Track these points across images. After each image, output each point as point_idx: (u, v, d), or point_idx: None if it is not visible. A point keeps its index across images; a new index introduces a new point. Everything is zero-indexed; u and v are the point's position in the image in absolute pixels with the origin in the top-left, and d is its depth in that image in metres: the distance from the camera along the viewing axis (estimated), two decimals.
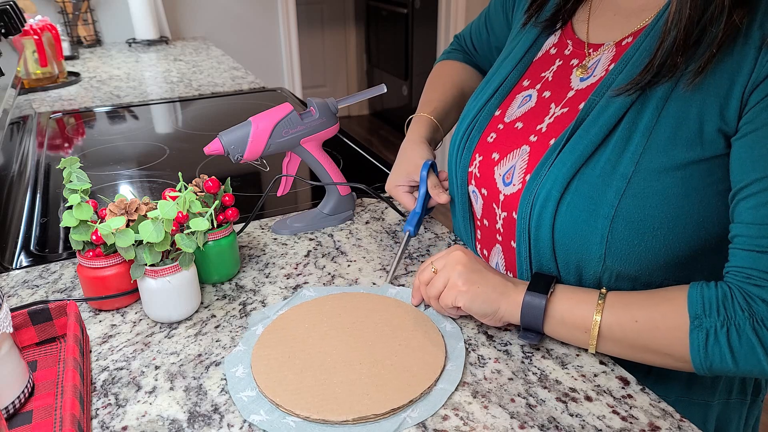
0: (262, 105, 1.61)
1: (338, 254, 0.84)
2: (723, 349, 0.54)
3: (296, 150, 0.86)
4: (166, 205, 0.65)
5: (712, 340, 0.54)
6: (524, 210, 0.66)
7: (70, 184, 0.70)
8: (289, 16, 2.98)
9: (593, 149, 0.61)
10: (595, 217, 0.60)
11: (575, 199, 0.61)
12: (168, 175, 1.14)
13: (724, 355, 0.54)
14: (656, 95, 0.59)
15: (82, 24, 2.42)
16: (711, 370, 0.56)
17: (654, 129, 0.58)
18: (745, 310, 0.54)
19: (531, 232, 0.66)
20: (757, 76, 0.53)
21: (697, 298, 0.56)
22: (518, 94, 0.75)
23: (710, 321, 0.55)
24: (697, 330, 0.55)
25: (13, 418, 0.56)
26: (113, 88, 1.81)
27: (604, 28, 0.70)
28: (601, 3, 0.72)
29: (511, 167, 0.70)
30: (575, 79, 0.69)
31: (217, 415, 0.57)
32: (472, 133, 0.77)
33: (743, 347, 0.54)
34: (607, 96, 0.62)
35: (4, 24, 1.27)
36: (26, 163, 1.23)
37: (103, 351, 0.66)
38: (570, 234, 0.62)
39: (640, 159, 0.58)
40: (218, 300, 0.74)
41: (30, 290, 0.77)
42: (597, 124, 0.61)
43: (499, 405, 0.57)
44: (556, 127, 0.67)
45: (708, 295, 0.56)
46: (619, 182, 0.59)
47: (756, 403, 0.77)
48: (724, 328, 0.54)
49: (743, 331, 0.54)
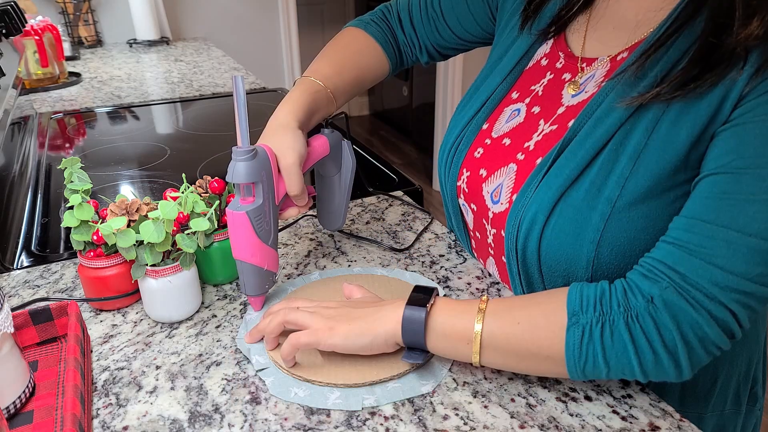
0: (263, 105, 1.61)
1: (339, 254, 0.84)
2: (596, 347, 0.51)
3: None
4: (167, 205, 0.65)
5: (587, 338, 0.52)
6: (511, 231, 0.64)
7: (71, 185, 0.70)
8: (290, 17, 2.98)
9: (579, 171, 0.59)
10: (581, 241, 0.59)
11: (560, 223, 0.60)
12: (169, 176, 1.14)
13: (597, 355, 0.51)
14: (647, 117, 0.56)
15: (83, 24, 2.42)
16: (584, 372, 0.53)
17: (642, 152, 0.56)
18: (621, 304, 0.51)
19: (518, 252, 0.64)
20: (746, 86, 0.51)
21: (576, 295, 0.53)
22: (506, 108, 0.72)
23: (586, 317, 0.52)
24: (574, 327, 0.52)
25: (14, 418, 0.56)
26: (114, 88, 1.81)
27: (601, 42, 0.66)
28: (602, 15, 0.67)
29: (499, 185, 0.68)
30: (566, 95, 0.66)
31: (217, 414, 0.57)
32: (460, 146, 0.74)
33: (615, 345, 0.51)
34: (596, 115, 0.60)
35: (5, 24, 1.27)
36: (27, 163, 1.23)
37: (104, 351, 0.66)
38: (556, 257, 0.61)
39: (626, 183, 0.56)
40: (219, 300, 0.74)
41: (31, 290, 0.77)
42: (584, 146, 0.59)
43: (499, 405, 0.57)
44: (544, 146, 0.65)
45: (587, 292, 0.53)
46: (604, 206, 0.57)
47: (752, 413, 0.76)
48: (598, 325, 0.51)
49: (616, 328, 0.51)
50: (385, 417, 0.56)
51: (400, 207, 0.98)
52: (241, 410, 0.57)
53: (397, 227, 0.91)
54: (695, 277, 0.50)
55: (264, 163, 0.63)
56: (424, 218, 0.94)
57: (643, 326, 0.51)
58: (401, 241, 0.87)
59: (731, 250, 0.49)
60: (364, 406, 0.57)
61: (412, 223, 0.93)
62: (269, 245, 0.66)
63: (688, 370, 0.52)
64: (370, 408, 0.57)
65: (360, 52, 0.83)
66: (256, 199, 0.64)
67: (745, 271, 0.49)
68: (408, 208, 0.98)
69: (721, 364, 0.69)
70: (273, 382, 0.60)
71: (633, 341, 0.51)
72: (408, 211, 0.97)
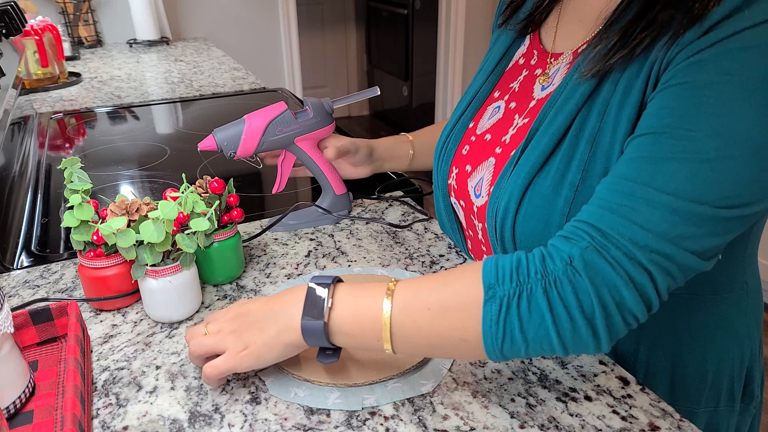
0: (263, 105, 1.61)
1: (339, 254, 0.84)
2: (513, 320, 0.48)
3: (290, 148, 0.87)
4: (167, 205, 0.65)
5: (504, 311, 0.49)
6: (490, 222, 0.66)
7: (71, 185, 0.70)
8: (290, 17, 2.99)
9: (544, 159, 0.61)
10: (549, 227, 0.60)
11: (530, 210, 0.61)
12: (169, 176, 1.14)
13: (514, 329, 0.48)
14: (599, 101, 0.58)
15: (83, 24, 2.42)
16: (502, 351, 0.50)
17: (597, 135, 0.58)
18: (538, 271, 0.49)
19: (498, 241, 0.66)
20: (670, 55, 0.52)
21: (491, 267, 0.51)
22: (489, 106, 0.75)
23: (503, 289, 0.49)
24: (491, 302, 0.49)
25: (14, 418, 0.56)
26: (114, 88, 1.82)
27: (567, 36, 0.69)
28: (569, 11, 0.70)
29: (480, 179, 0.70)
30: (537, 88, 0.69)
31: (217, 414, 0.57)
32: (449, 145, 0.77)
33: (532, 316, 0.48)
34: (557, 105, 0.62)
35: (5, 24, 1.27)
36: (27, 163, 1.23)
37: (104, 351, 0.66)
38: (529, 244, 0.62)
39: (586, 166, 0.58)
40: (219, 300, 0.74)
41: (31, 290, 0.77)
42: (547, 133, 0.61)
43: (499, 405, 0.57)
44: (518, 139, 0.67)
45: (503, 263, 0.51)
46: (568, 191, 0.59)
47: (748, 410, 0.75)
48: (515, 296, 0.49)
49: (533, 297, 0.48)
50: (385, 417, 0.56)
51: (400, 207, 0.98)
52: (241, 410, 0.57)
53: (398, 227, 0.91)
54: (615, 234, 0.49)
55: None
56: (424, 218, 0.94)
57: (561, 291, 0.48)
58: (401, 240, 0.87)
59: (650, 207, 0.48)
60: (364, 406, 0.57)
61: (411, 222, 0.93)
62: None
63: (606, 340, 0.49)
64: (370, 408, 0.57)
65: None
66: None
67: (664, 231, 0.48)
68: (408, 209, 0.98)
69: (709, 356, 0.68)
70: (273, 382, 0.60)
71: (551, 309, 0.48)
72: (408, 211, 0.97)
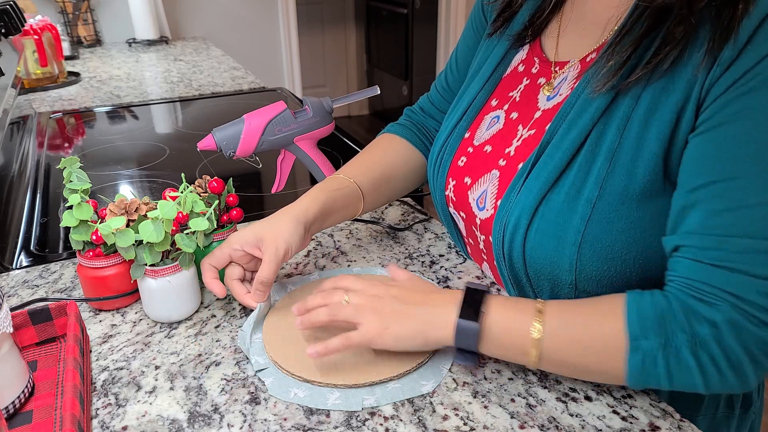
0: (262, 105, 1.61)
1: (338, 254, 0.84)
2: (659, 370, 0.51)
3: (290, 148, 0.87)
4: (166, 205, 0.65)
5: (650, 362, 0.51)
6: (497, 236, 0.64)
7: (70, 184, 0.70)
8: (289, 16, 2.98)
9: (558, 174, 0.59)
10: (563, 243, 0.58)
11: (542, 226, 0.60)
12: (168, 175, 1.14)
13: (660, 376, 0.51)
14: (618, 115, 0.57)
15: (82, 24, 2.42)
16: (645, 386, 0.53)
17: (617, 151, 0.56)
18: (686, 331, 0.50)
19: (505, 256, 0.64)
20: (713, 76, 0.51)
21: (634, 316, 0.52)
22: (486, 115, 0.73)
23: (648, 343, 0.51)
24: (636, 352, 0.52)
25: (13, 417, 0.56)
26: (113, 88, 1.81)
27: (571, 44, 0.67)
28: (571, 18, 0.68)
29: (483, 192, 0.68)
30: (542, 98, 0.67)
31: (217, 415, 0.57)
32: (444, 156, 0.75)
33: (681, 369, 0.51)
34: (570, 117, 0.60)
35: (4, 24, 1.27)
36: (26, 163, 1.23)
37: (103, 351, 0.66)
38: (540, 261, 0.61)
39: (604, 183, 0.56)
40: (218, 300, 0.74)
41: (30, 290, 0.77)
42: (560, 147, 0.60)
43: (499, 405, 0.57)
44: (524, 151, 0.65)
45: (645, 311, 0.52)
46: (584, 208, 0.57)
47: (747, 416, 0.75)
48: (661, 350, 0.51)
49: (681, 355, 0.50)
50: (384, 417, 0.56)
51: (400, 207, 0.98)
52: (240, 410, 0.57)
53: (397, 227, 0.91)
54: (748, 295, 0.50)
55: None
56: (423, 218, 0.94)
57: (711, 353, 0.50)
58: (401, 240, 0.87)
59: (761, 257, 0.49)
60: (364, 406, 0.57)
61: (411, 223, 0.92)
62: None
63: (754, 381, 0.52)
64: (370, 408, 0.57)
65: (385, 148, 0.85)
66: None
67: None
68: (408, 208, 0.98)
69: None
70: (272, 382, 0.60)
71: (699, 366, 0.50)
72: (408, 211, 0.96)
